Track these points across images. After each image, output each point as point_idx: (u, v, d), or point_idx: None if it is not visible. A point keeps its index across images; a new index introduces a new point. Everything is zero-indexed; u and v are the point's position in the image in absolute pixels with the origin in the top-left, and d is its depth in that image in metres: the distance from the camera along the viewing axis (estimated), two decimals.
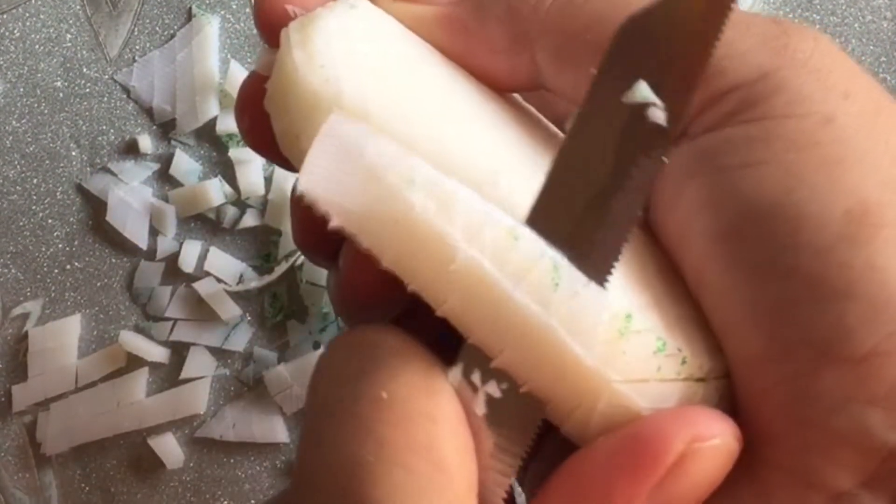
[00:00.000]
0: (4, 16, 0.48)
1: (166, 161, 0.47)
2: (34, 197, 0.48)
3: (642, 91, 0.20)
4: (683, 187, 0.21)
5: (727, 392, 0.21)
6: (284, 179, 0.46)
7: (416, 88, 0.22)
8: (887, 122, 0.20)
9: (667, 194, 0.22)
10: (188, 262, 0.46)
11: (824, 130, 0.20)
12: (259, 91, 0.23)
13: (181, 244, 0.47)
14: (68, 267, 0.47)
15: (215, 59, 0.48)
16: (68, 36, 0.48)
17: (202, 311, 0.46)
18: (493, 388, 0.20)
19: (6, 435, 0.47)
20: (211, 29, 0.48)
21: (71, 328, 0.47)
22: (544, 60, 0.23)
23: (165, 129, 0.48)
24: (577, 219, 0.20)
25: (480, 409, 0.20)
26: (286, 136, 0.22)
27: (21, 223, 0.48)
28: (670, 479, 0.19)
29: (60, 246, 0.47)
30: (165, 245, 0.47)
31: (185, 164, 0.47)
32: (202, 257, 0.47)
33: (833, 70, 0.21)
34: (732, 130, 0.20)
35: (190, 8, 0.48)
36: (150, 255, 0.47)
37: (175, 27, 0.48)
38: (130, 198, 0.47)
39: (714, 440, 0.19)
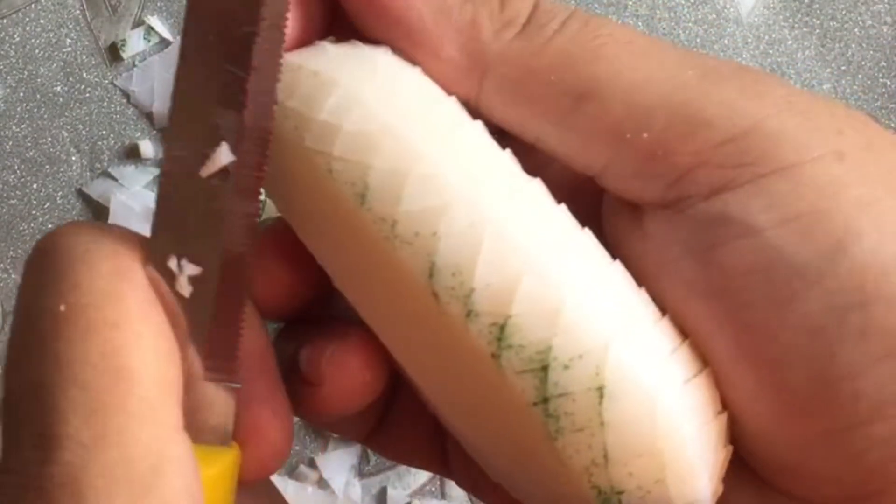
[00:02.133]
0: (4, 21, 0.48)
1: None
2: (34, 202, 0.48)
3: None
4: (708, 260, 0.20)
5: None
6: None
7: None
8: (882, 152, 0.20)
9: (683, 274, 0.20)
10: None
11: (843, 168, 0.19)
12: None
13: None
14: None
15: None
16: (68, 41, 0.48)
17: None
18: (193, 268, 0.19)
19: None
20: None
21: None
22: (492, 89, 0.21)
23: (166, 133, 0.48)
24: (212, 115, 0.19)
25: (185, 290, 0.19)
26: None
27: (21, 228, 0.47)
28: None
29: None
30: None
31: None
32: None
33: (815, 110, 0.20)
34: (752, 187, 0.19)
35: None
36: None
37: (175, 31, 0.48)
38: (133, 202, 0.47)
39: None
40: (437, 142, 0.20)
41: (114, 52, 0.48)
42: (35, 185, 0.48)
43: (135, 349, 0.18)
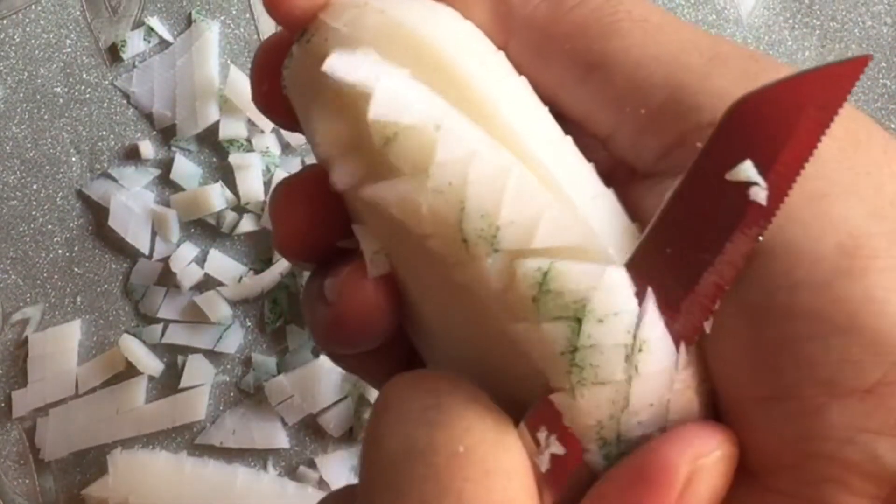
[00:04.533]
0: (4, 21, 0.48)
1: (167, 166, 0.47)
2: (34, 202, 0.48)
3: (748, 171, 0.20)
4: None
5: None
6: None
7: None
8: (867, 155, 0.20)
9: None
10: (179, 263, 0.46)
11: (807, 164, 0.20)
12: (278, 58, 0.24)
13: (178, 246, 0.47)
14: (68, 272, 0.47)
15: (215, 65, 0.48)
16: (68, 41, 0.48)
17: (195, 314, 0.46)
18: (558, 447, 0.20)
19: (6, 440, 0.47)
20: (211, 34, 0.48)
21: (71, 334, 0.47)
22: (516, 49, 0.23)
23: (166, 134, 0.48)
24: (669, 284, 0.20)
25: (544, 465, 0.20)
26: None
27: (21, 229, 0.48)
28: (682, 501, 0.19)
29: (60, 251, 0.47)
30: (165, 247, 0.47)
31: (186, 168, 0.47)
32: (200, 260, 0.47)
33: None
34: None
35: (190, 13, 0.48)
36: (151, 258, 0.47)
37: (175, 32, 0.48)
38: (132, 203, 0.47)
39: (715, 453, 0.20)
40: (489, 88, 0.21)
41: (114, 53, 0.48)
42: (35, 186, 0.48)
43: (521, 501, 0.19)
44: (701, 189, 0.20)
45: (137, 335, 0.47)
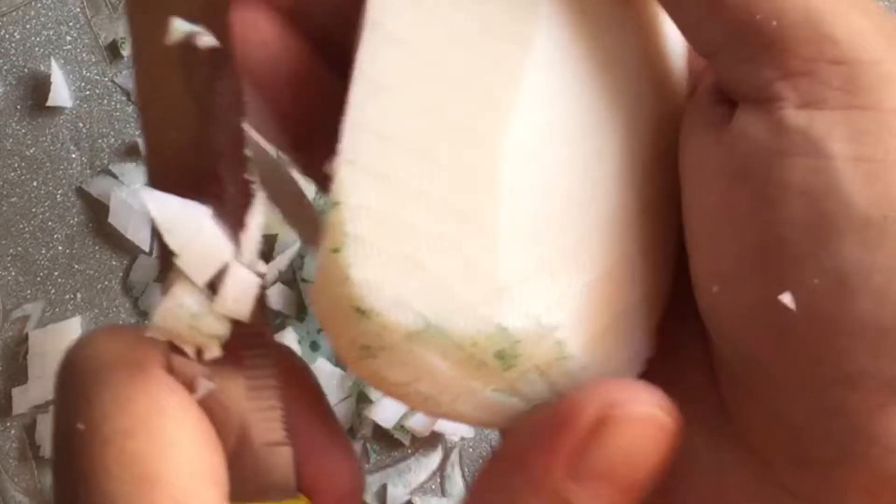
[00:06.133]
0: (4, 18, 0.48)
1: None
2: (34, 199, 0.48)
3: (179, 27, 0.18)
4: (771, 162, 0.19)
5: None
6: None
7: None
8: None
9: (744, 172, 0.20)
10: None
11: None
12: None
13: None
14: (68, 269, 0.47)
15: None
16: (68, 38, 0.48)
17: None
18: (213, 350, 0.19)
19: (6, 437, 0.47)
20: None
21: (71, 330, 0.47)
22: None
23: None
24: (187, 166, 0.19)
25: (204, 386, 0.19)
26: None
27: (21, 226, 0.48)
28: (588, 448, 0.18)
29: (60, 248, 0.47)
30: None
31: None
32: None
33: None
34: (842, 114, 0.19)
35: None
36: (151, 255, 0.47)
37: None
38: (132, 200, 0.47)
39: (631, 407, 0.18)
40: None
41: (114, 50, 0.48)
42: (35, 183, 0.48)
43: (153, 451, 0.18)
44: (157, 68, 0.19)
45: None
